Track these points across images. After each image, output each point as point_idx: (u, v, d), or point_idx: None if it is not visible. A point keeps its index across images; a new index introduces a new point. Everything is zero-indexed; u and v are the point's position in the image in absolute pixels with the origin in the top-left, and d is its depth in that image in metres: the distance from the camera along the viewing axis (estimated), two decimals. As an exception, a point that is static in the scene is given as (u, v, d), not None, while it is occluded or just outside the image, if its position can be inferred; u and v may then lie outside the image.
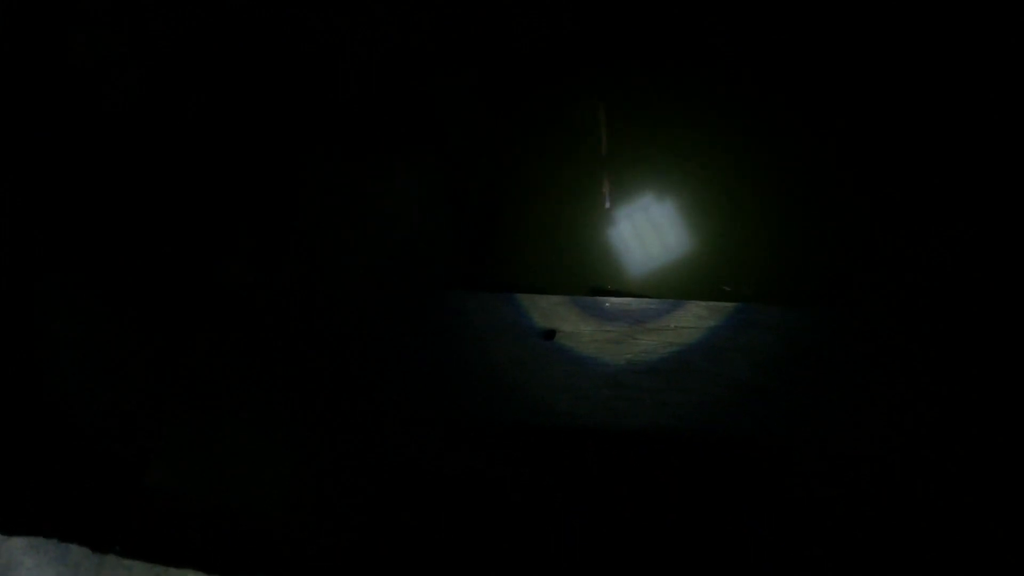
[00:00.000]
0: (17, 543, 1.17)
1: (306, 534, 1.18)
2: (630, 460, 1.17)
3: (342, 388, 1.19)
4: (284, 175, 1.46)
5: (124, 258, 1.41)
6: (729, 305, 1.19)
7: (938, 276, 1.25)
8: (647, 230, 1.33)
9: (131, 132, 1.50)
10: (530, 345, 1.19)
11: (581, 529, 1.16)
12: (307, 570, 1.16)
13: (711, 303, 1.20)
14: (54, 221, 1.45)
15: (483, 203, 1.39)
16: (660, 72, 1.43)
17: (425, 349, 1.20)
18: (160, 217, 1.43)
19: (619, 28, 1.48)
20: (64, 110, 1.52)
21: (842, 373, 1.15)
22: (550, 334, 1.20)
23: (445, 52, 1.51)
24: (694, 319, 1.19)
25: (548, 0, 1.50)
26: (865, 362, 1.15)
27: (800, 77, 1.39)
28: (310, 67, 1.51)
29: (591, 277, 1.30)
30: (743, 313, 1.18)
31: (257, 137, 1.49)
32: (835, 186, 1.33)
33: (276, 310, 1.28)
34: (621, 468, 1.18)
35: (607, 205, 1.26)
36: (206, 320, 1.29)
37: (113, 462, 1.24)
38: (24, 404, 1.27)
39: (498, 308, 1.21)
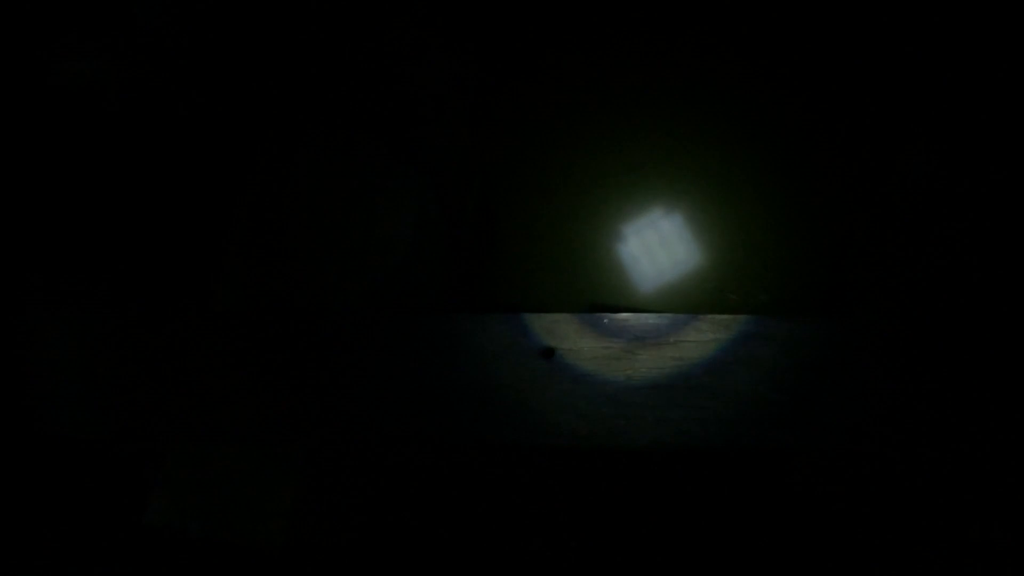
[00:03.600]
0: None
1: (304, 549, 1.17)
2: (633, 477, 1.16)
3: (338, 412, 1.18)
4: (276, 197, 1.45)
5: (114, 272, 1.41)
6: (729, 318, 1.18)
7: (943, 285, 1.24)
8: (645, 244, 1.32)
9: (121, 143, 1.50)
10: (529, 364, 1.18)
11: (583, 545, 1.14)
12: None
13: (710, 316, 1.18)
14: (44, 233, 1.45)
15: (478, 221, 1.39)
16: (659, 76, 1.43)
17: (422, 371, 1.19)
18: (147, 233, 1.43)
19: (620, 36, 1.47)
20: (53, 119, 1.52)
21: (846, 384, 1.14)
22: (549, 352, 1.19)
23: (441, 65, 1.51)
24: (694, 333, 1.18)
25: (545, 8, 1.50)
26: (870, 372, 1.14)
27: (807, 83, 1.38)
28: (299, 75, 1.51)
29: (589, 293, 1.29)
30: (743, 326, 1.17)
31: (249, 152, 1.49)
32: (838, 196, 1.32)
33: (270, 331, 1.27)
34: (624, 485, 1.16)
35: None
36: (200, 343, 1.28)
37: (105, 493, 1.23)
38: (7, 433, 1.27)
39: (495, 327, 1.20)
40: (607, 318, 1.21)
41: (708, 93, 1.41)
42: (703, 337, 1.17)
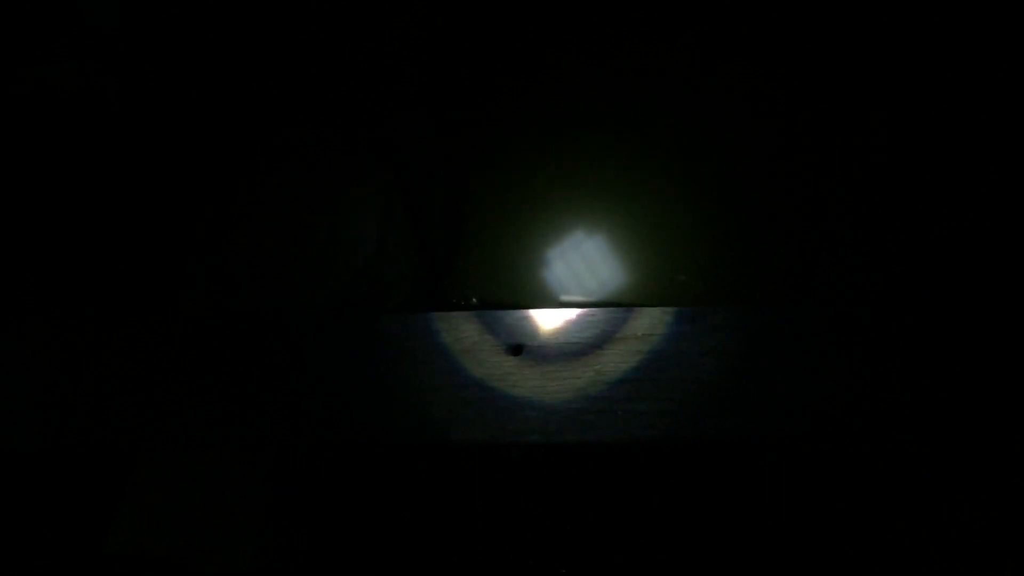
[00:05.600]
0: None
1: (274, 558, 1.15)
2: (604, 472, 1.16)
3: (305, 415, 1.17)
4: (240, 199, 1.44)
5: (76, 278, 1.38)
6: (696, 310, 1.18)
7: (913, 272, 1.25)
8: (613, 239, 1.32)
9: (78, 148, 1.48)
10: (496, 363, 1.17)
11: (556, 541, 1.14)
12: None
13: (676, 308, 1.18)
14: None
15: (443, 220, 1.38)
16: (621, 74, 1.43)
17: (390, 373, 1.18)
18: (109, 238, 1.41)
19: (583, 29, 1.48)
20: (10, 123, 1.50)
21: (813, 369, 1.14)
22: (517, 349, 1.18)
23: (406, 63, 1.50)
24: (660, 325, 1.18)
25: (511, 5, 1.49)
26: (836, 357, 1.15)
27: (755, 62, 1.39)
28: (256, 81, 1.50)
29: (556, 289, 1.29)
30: (709, 315, 1.17)
31: (212, 155, 1.48)
32: (804, 183, 1.33)
33: (236, 335, 1.26)
34: (595, 481, 1.16)
35: None
36: (166, 353, 1.26)
37: (65, 514, 1.21)
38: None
39: (463, 326, 1.20)
40: (575, 313, 1.20)
41: (676, 89, 1.41)
42: (669, 329, 1.17)
